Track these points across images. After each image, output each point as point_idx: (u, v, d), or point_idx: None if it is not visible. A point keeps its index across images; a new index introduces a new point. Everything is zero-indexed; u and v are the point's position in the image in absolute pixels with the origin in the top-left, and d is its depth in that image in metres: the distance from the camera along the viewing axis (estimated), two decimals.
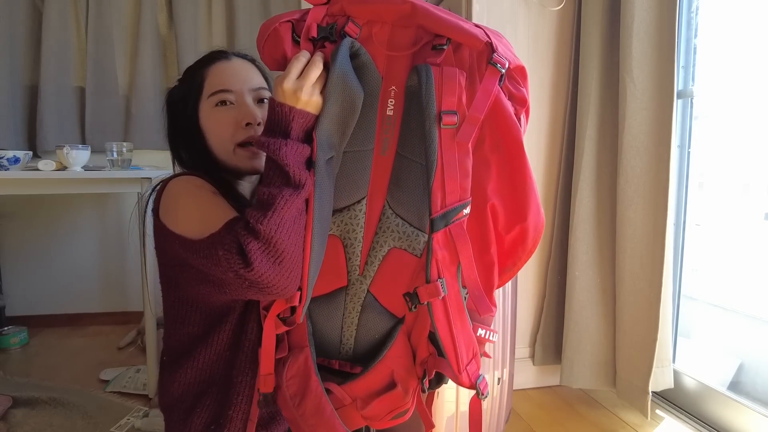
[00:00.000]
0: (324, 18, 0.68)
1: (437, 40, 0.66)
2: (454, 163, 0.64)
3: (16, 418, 1.44)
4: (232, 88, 0.84)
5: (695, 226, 1.58)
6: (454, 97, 0.64)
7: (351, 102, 0.65)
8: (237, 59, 0.89)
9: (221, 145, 0.84)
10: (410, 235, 0.70)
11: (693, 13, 1.49)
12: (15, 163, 1.60)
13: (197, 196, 0.75)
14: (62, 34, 2.25)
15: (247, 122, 0.83)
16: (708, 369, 1.50)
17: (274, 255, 0.61)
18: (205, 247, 0.66)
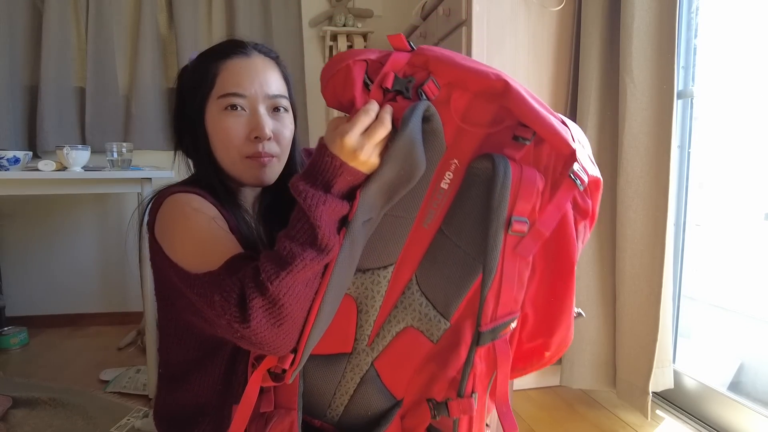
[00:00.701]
0: (403, 68, 0.62)
1: (521, 130, 0.60)
2: (513, 274, 0.59)
3: (17, 418, 1.44)
4: (246, 93, 0.76)
5: (695, 226, 1.58)
6: (529, 204, 0.58)
7: (410, 173, 0.58)
8: (257, 56, 0.79)
9: (225, 153, 0.78)
10: (431, 318, 0.64)
11: (693, 13, 1.49)
12: (15, 163, 1.60)
13: (194, 223, 0.69)
14: (62, 35, 2.25)
15: (256, 135, 0.76)
16: (708, 369, 1.50)
17: (276, 317, 0.57)
18: (201, 285, 0.62)
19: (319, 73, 1.55)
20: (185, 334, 0.77)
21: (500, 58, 1.55)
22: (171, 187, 0.77)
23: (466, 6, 1.54)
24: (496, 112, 0.61)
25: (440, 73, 0.61)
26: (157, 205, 0.74)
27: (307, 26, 2.49)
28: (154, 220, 0.74)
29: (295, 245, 0.57)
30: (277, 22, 2.40)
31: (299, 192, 0.58)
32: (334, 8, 2.47)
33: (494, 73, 0.60)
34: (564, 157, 0.60)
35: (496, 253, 0.58)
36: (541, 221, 0.58)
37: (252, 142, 0.76)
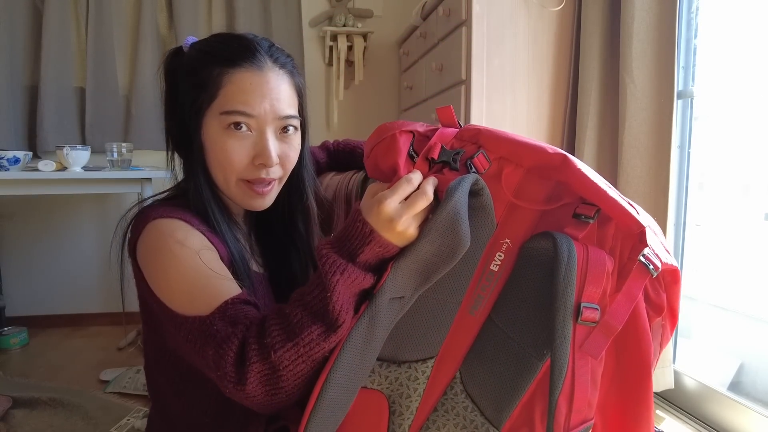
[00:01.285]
0: (452, 140, 0.57)
1: (583, 207, 0.53)
2: (586, 372, 0.49)
3: (16, 418, 1.44)
4: (254, 113, 0.68)
5: (695, 226, 1.58)
6: (599, 288, 0.50)
7: (452, 250, 0.51)
8: (271, 68, 0.70)
9: (222, 174, 0.71)
10: (478, 426, 0.55)
11: (693, 13, 1.49)
12: (15, 163, 1.60)
13: (180, 262, 0.62)
14: (62, 35, 2.25)
15: (261, 162, 0.69)
16: (708, 369, 1.50)
17: (274, 386, 0.52)
18: (190, 330, 0.57)
19: (319, 73, 1.57)
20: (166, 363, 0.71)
21: (500, 59, 1.55)
22: (154, 208, 0.69)
23: (466, 6, 1.54)
24: (553, 189, 0.55)
25: (491, 147, 0.56)
26: (139, 226, 0.68)
27: (307, 26, 2.49)
28: (136, 240, 0.68)
29: (306, 314, 0.52)
30: (277, 22, 2.40)
31: (321, 256, 0.53)
32: (334, 8, 2.47)
33: (551, 147, 0.55)
34: (632, 238, 0.52)
35: (566, 348, 0.48)
36: (611, 312, 0.49)
37: (255, 168, 0.70)
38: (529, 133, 1.59)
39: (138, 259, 0.68)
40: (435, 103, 1.83)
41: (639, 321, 0.53)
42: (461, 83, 1.58)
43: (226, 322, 0.56)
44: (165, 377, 0.73)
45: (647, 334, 0.53)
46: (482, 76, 1.54)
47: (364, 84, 2.50)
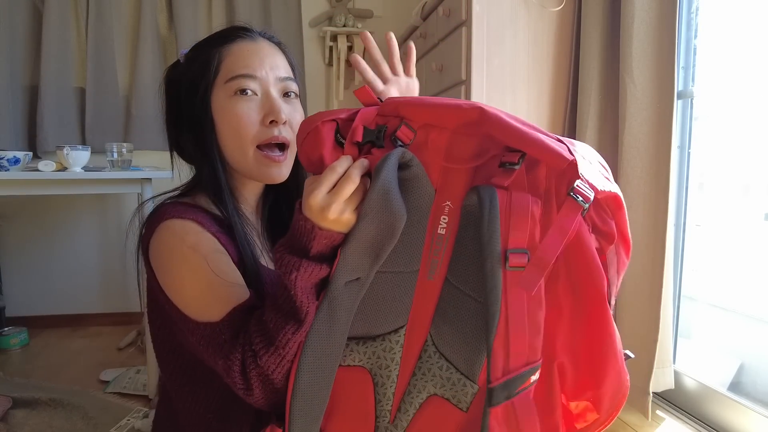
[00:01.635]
0: (374, 119, 0.58)
1: (508, 155, 0.54)
2: (522, 316, 0.51)
3: (17, 418, 1.44)
4: (257, 74, 0.70)
5: (695, 226, 1.58)
6: (524, 233, 0.51)
7: (390, 226, 0.54)
8: (263, 40, 0.74)
9: (236, 144, 0.71)
10: (456, 383, 0.57)
11: (693, 13, 1.49)
12: (15, 163, 1.60)
13: (192, 266, 0.64)
14: (62, 35, 2.25)
15: (272, 119, 0.70)
16: (708, 370, 1.50)
17: (270, 388, 0.56)
18: (202, 336, 0.60)
19: (319, 73, 1.58)
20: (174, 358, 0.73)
21: (500, 59, 1.55)
22: (167, 207, 0.70)
23: (466, 6, 1.54)
24: (480, 144, 0.55)
25: (413, 117, 0.56)
26: (152, 225, 0.68)
27: (307, 26, 2.49)
28: (149, 239, 0.69)
29: (279, 317, 0.55)
30: (277, 22, 2.40)
31: (276, 260, 0.55)
32: (334, 8, 2.47)
33: (467, 103, 0.55)
34: (566, 176, 0.52)
35: (497, 293, 0.50)
36: (544, 247, 0.49)
37: (267, 128, 0.71)
38: None
39: (150, 258, 0.69)
40: None
41: (587, 254, 0.53)
42: (461, 83, 1.58)
43: (231, 331, 0.59)
44: (171, 372, 0.74)
45: (597, 265, 0.54)
46: (482, 76, 1.54)
47: (364, 84, 2.50)
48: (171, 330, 0.71)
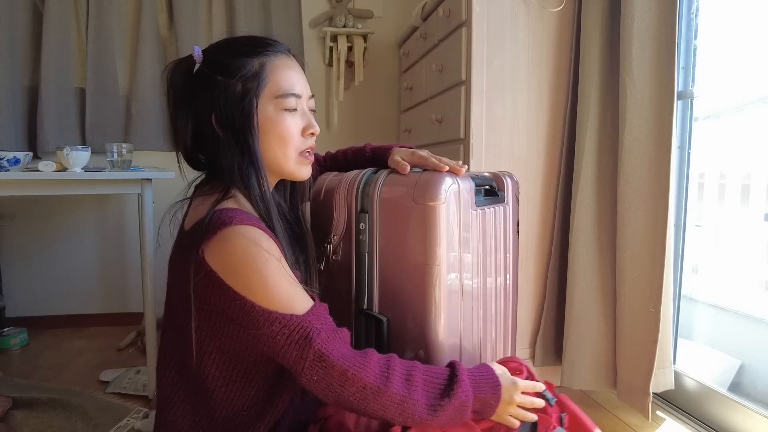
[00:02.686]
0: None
1: None
2: None
3: (16, 419, 1.44)
4: (301, 93, 0.82)
5: (695, 227, 1.58)
6: None
7: None
8: (293, 58, 0.85)
9: (282, 151, 0.81)
10: None
11: (693, 14, 1.49)
12: (15, 164, 1.60)
13: (271, 266, 0.71)
14: (62, 35, 2.25)
15: (311, 132, 0.83)
16: (708, 370, 1.50)
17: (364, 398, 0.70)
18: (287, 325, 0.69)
19: (319, 73, 1.57)
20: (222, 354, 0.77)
21: (500, 59, 1.55)
22: (225, 213, 0.72)
23: (466, 7, 1.54)
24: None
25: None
26: (213, 228, 0.71)
27: (308, 27, 2.49)
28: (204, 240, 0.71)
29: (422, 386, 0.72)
30: (277, 23, 2.40)
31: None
32: (334, 9, 2.47)
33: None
34: None
35: None
36: None
37: (306, 138, 0.83)
38: (529, 133, 1.59)
39: (212, 258, 0.71)
40: (435, 103, 1.83)
41: None
42: (461, 84, 1.59)
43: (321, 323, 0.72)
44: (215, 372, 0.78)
45: None
46: (482, 76, 1.54)
47: (364, 85, 2.50)
48: (226, 331, 0.74)
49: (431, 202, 0.83)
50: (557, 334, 1.63)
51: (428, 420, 0.71)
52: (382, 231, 0.90)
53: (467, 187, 0.89)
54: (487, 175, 1.05)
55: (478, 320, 0.95)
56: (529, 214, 1.61)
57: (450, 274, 0.86)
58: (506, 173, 1.09)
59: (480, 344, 0.97)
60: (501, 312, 1.05)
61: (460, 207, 0.87)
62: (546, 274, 1.64)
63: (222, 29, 2.40)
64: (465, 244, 0.89)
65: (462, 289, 0.89)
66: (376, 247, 0.91)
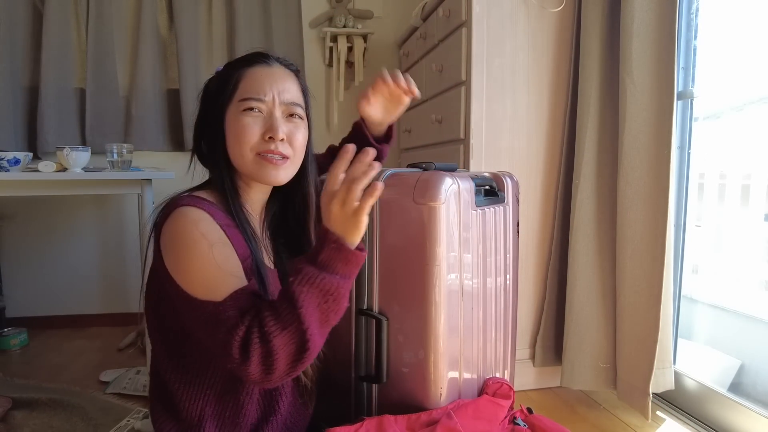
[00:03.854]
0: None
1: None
2: None
3: (16, 419, 1.44)
4: (265, 98, 0.82)
5: (695, 227, 1.58)
6: None
7: None
8: (278, 66, 0.86)
9: (239, 150, 0.82)
10: None
11: (693, 14, 1.49)
12: (15, 164, 1.60)
13: (201, 250, 0.72)
14: (62, 36, 2.25)
15: (270, 135, 0.82)
16: (708, 370, 1.50)
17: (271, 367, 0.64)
18: (204, 313, 0.68)
19: (320, 74, 1.58)
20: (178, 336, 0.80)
21: (500, 59, 1.55)
22: (183, 197, 0.79)
23: (466, 7, 1.54)
24: None
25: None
26: (167, 210, 0.77)
27: (307, 27, 2.49)
28: (162, 223, 0.77)
29: (291, 307, 0.66)
30: (277, 23, 2.40)
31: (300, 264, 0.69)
32: (334, 9, 2.47)
33: None
34: None
35: None
36: None
37: (266, 142, 0.82)
38: (529, 134, 1.59)
39: (161, 241, 0.76)
40: (435, 103, 1.83)
41: None
42: (461, 84, 1.59)
43: (236, 309, 0.67)
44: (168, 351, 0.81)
45: None
46: (482, 76, 1.54)
47: (364, 85, 2.50)
48: (171, 309, 0.77)
49: (431, 203, 0.83)
50: (557, 334, 1.63)
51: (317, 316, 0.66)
52: (382, 231, 0.90)
53: (467, 188, 0.89)
54: (487, 175, 1.05)
55: (478, 320, 0.95)
56: (529, 214, 1.61)
57: (450, 274, 0.86)
58: (506, 173, 1.09)
59: (480, 344, 0.97)
60: (501, 312, 1.05)
61: (460, 207, 0.87)
62: (546, 274, 1.64)
63: (222, 29, 2.40)
64: (465, 244, 0.89)
65: (462, 290, 0.89)
66: (376, 247, 0.91)
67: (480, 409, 0.87)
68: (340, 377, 0.96)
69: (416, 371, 0.87)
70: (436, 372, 0.86)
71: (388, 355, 0.89)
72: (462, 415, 0.83)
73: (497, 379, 0.98)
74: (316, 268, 0.67)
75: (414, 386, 0.88)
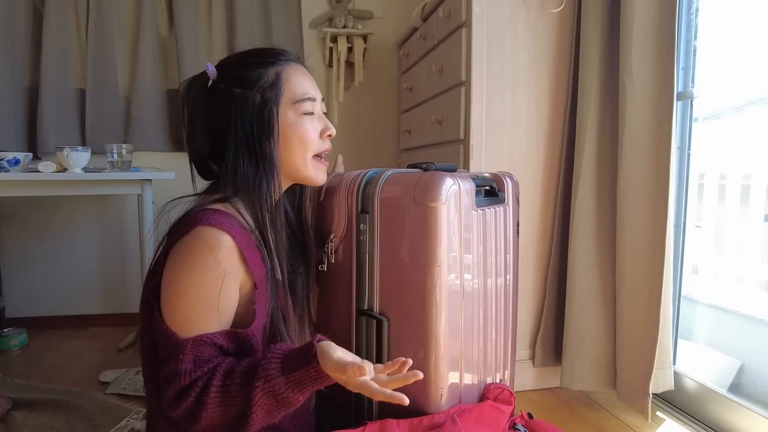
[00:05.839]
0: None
1: None
2: None
3: (16, 420, 1.44)
4: (316, 97, 0.84)
5: (695, 227, 1.58)
6: None
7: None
8: (302, 65, 0.86)
9: (302, 154, 0.82)
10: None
11: (693, 14, 1.49)
12: (15, 164, 1.60)
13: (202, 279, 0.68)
14: (62, 36, 2.25)
15: (329, 134, 0.85)
16: (708, 371, 1.50)
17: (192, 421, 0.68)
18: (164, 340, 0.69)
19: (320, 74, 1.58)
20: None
21: (500, 60, 1.55)
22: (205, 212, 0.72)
23: (466, 7, 1.54)
24: None
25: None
26: (188, 225, 0.71)
27: (307, 27, 2.50)
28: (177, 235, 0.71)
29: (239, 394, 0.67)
30: (277, 23, 2.40)
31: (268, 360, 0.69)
32: (334, 10, 2.47)
33: None
34: None
35: None
36: None
37: (323, 141, 0.85)
38: (529, 134, 1.59)
39: (172, 249, 0.72)
40: (435, 104, 1.84)
41: None
42: (461, 84, 1.59)
43: (192, 355, 0.68)
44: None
45: None
46: (482, 77, 1.54)
47: (364, 85, 2.50)
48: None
49: (432, 203, 0.83)
50: (557, 334, 1.63)
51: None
52: (382, 232, 0.90)
53: (468, 188, 0.89)
54: (487, 175, 1.05)
55: (478, 321, 0.95)
56: (529, 215, 1.61)
57: (451, 274, 0.86)
58: (506, 174, 1.09)
59: (481, 345, 0.97)
60: (501, 312, 1.05)
61: (461, 208, 0.87)
62: (546, 275, 1.64)
63: (222, 30, 2.40)
64: (466, 244, 0.89)
65: (463, 290, 0.89)
66: (376, 247, 0.91)
67: (483, 414, 0.87)
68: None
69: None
70: (436, 373, 0.86)
71: (388, 355, 0.89)
72: (465, 420, 0.83)
73: (498, 384, 0.98)
74: (287, 383, 0.64)
75: (414, 386, 0.87)
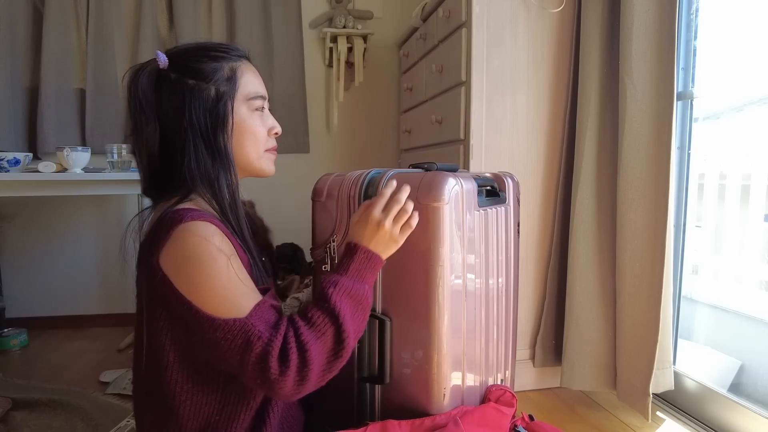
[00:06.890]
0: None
1: None
2: None
3: (16, 420, 1.44)
4: (266, 95, 0.87)
5: (695, 227, 1.58)
6: None
7: None
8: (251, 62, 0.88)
9: (254, 148, 0.84)
10: None
11: (693, 14, 1.49)
12: (15, 165, 1.60)
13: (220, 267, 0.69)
14: (63, 36, 2.25)
15: (276, 131, 0.88)
16: (709, 371, 1.50)
17: (306, 377, 0.66)
18: (230, 330, 0.66)
19: (320, 74, 1.57)
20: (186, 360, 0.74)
21: (500, 60, 1.55)
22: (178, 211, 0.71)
23: (466, 7, 1.54)
24: None
25: None
26: (167, 228, 0.69)
27: (307, 28, 2.49)
28: (158, 243, 0.69)
29: (326, 318, 0.71)
30: (277, 23, 2.40)
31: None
32: (334, 10, 2.47)
33: None
34: None
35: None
36: None
37: (270, 138, 0.88)
38: (529, 134, 1.59)
39: (167, 261, 0.69)
40: (435, 104, 1.84)
41: None
42: (461, 84, 1.59)
43: (263, 323, 0.68)
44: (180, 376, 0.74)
45: None
46: (482, 77, 1.54)
47: (364, 85, 2.50)
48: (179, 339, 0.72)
49: (435, 203, 0.83)
50: (557, 334, 1.63)
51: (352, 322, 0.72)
52: None
53: (470, 188, 0.89)
54: (488, 175, 1.05)
55: (480, 321, 0.95)
56: (529, 214, 1.61)
57: (453, 274, 0.86)
58: (507, 174, 1.09)
59: (482, 345, 0.97)
60: (503, 313, 1.05)
61: (463, 208, 0.87)
62: (546, 274, 1.64)
63: (222, 30, 2.40)
64: (468, 244, 0.89)
65: (465, 290, 0.89)
66: None
67: (485, 416, 0.87)
68: (342, 378, 0.96)
69: (419, 372, 0.87)
70: (439, 373, 0.86)
71: (390, 355, 0.89)
72: (468, 421, 0.82)
73: (500, 386, 0.98)
74: (349, 279, 0.73)
75: (417, 387, 0.88)
